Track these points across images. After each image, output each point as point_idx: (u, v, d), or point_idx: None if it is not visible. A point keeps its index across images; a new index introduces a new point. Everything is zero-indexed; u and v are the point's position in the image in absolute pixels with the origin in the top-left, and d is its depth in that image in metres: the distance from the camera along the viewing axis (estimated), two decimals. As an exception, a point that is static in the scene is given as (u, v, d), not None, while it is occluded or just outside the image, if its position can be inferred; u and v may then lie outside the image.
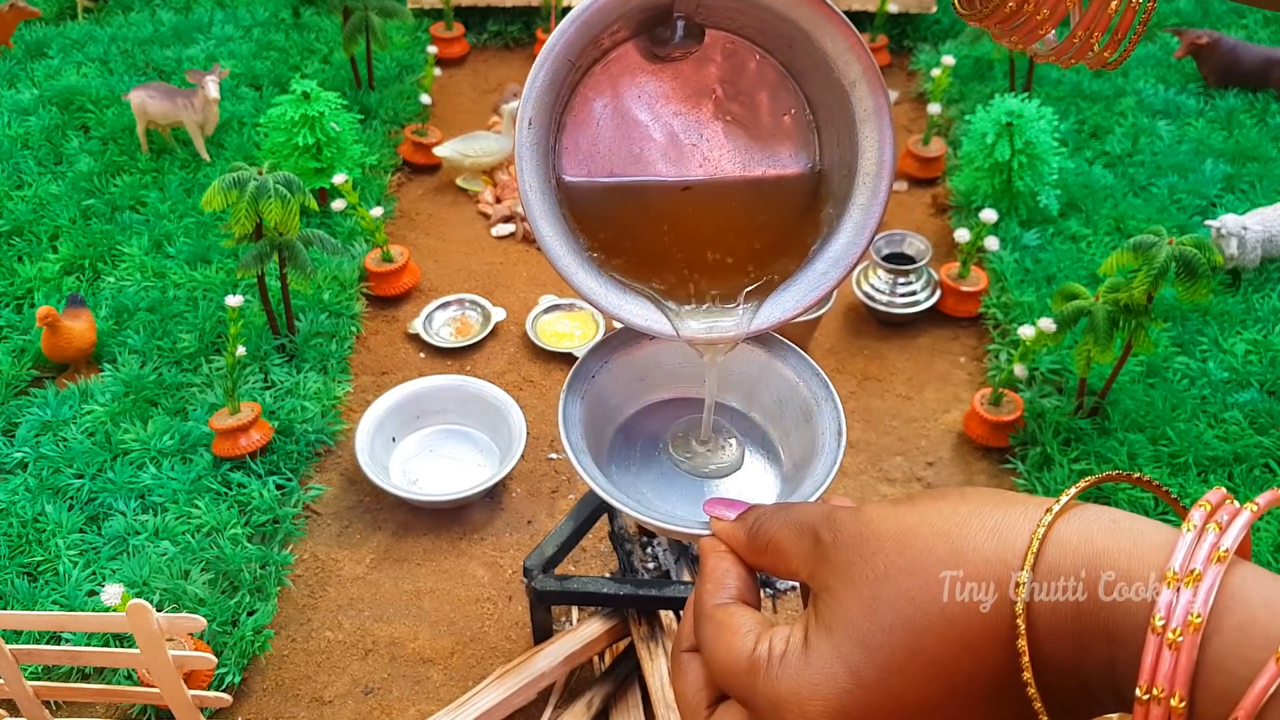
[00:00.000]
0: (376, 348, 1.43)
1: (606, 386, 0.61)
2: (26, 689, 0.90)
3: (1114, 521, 0.34)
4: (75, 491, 1.19)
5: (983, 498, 0.36)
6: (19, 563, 1.12)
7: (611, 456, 0.61)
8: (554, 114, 0.50)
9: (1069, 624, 0.33)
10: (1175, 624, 0.30)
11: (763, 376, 0.59)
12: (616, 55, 0.52)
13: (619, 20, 0.49)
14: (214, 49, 1.95)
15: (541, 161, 0.49)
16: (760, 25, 0.49)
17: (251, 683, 1.05)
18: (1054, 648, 0.33)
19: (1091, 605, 0.32)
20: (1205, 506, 0.33)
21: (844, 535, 0.37)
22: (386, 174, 1.70)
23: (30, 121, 1.76)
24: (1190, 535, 0.32)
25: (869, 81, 0.46)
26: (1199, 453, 1.20)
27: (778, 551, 0.40)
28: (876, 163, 0.47)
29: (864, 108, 0.47)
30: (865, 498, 1.23)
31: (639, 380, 0.63)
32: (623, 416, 0.63)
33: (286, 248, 1.28)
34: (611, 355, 0.60)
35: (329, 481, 1.25)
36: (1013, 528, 0.34)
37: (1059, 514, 0.34)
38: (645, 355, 0.62)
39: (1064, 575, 0.33)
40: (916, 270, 1.44)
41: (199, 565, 1.11)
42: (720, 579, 0.41)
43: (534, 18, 2.04)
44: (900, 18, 2.00)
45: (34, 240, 1.54)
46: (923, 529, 0.36)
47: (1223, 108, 1.76)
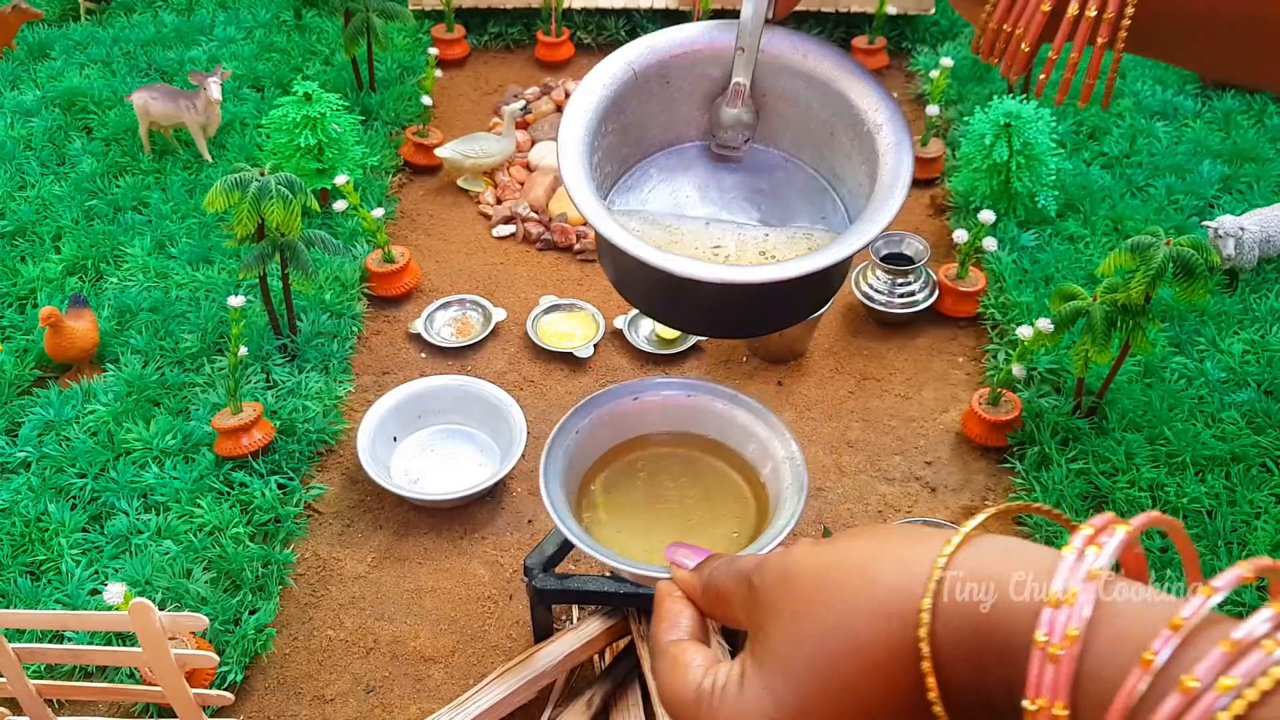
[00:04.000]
0: (378, 348, 1.44)
1: (585, 442, 0.72)
2: (29, 687, 0.90)
3: (1006, 550, 0.37)
4: (78, 491, 1.19)
5: (896, 534, 0.40)
6: (22, 562, 1.12)
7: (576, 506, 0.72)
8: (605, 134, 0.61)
9: (968, 646, 0.35)
10: (1055, 639, 0.33)
11: None
12: (680, 149, 0.63)
13: (685, 66, 0.59)
14: (216, 50, 1.96)
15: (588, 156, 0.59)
16: (806, 111, 0.58)
17: (253, 681, 1.05)
18: (956, 669, 0.35)
19: (988, 627, 0.35)
20: (1089, 530, 0.36)
21: (770, 578, 0.41)
22: (388, 175, 1.70)
23: (33, 123, 1.76)
24: (1070, 557, 0.35)
25: (893, 122, 0.55)
26: (1196, 452, 1.20)
27: (725, 602, 0.44)
28: (893, 175, 0.54)
29: (887, 142, 0.55)
30: (864, 497, 1.24)
31: (613, 434, 0.74)
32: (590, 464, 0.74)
33: (288, 248, 1.28)
34: (592, 413, 0.72)
35: (330, 481, 1.26)
36: (918, 559, 0.37)
37: (959, 545, 0.37)
38: (624, 412, 0.74)
39: (963, 600, 0.36)
40: (915, 270, 1.44)
41: (201, 564, 1.12)
42: (674, 619, 0.45)
43: (535, 19, 2.04)
44: (899, 19, 2.00)
45: (37, 241, 1.55)
46: (839, 565, 0.39)
47: (1220, 109, 1.77)
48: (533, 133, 1.83)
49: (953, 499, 1.23)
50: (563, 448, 0.73)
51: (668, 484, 0.74)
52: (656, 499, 0.72)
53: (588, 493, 0.73)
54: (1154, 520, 0.38)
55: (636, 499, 0.73)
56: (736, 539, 0.69)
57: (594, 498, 0.74)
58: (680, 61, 0.60)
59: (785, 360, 1.42)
